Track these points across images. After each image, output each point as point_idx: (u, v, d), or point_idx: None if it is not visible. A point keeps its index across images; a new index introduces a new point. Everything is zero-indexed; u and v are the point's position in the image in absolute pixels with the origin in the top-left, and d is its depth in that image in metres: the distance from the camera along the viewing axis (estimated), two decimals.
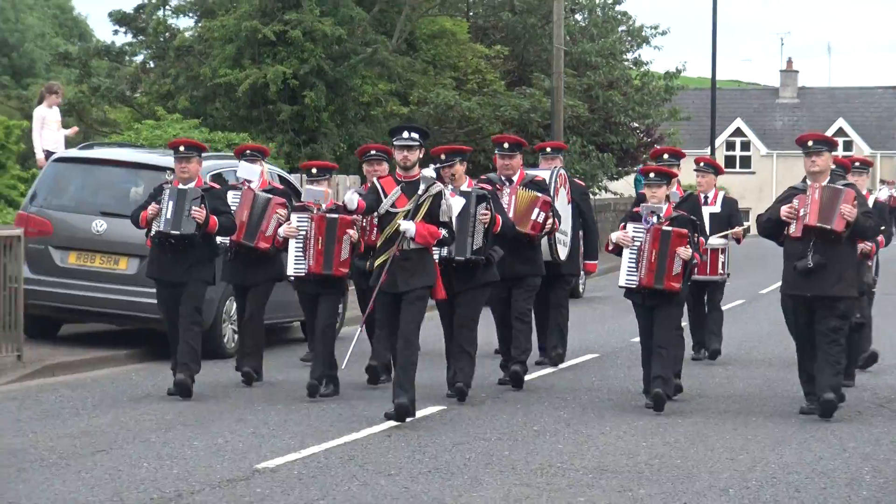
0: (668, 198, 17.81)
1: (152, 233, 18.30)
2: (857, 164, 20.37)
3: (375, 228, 18.42)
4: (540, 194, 19.48)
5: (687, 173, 22.86)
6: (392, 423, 16.85)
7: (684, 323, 21.55)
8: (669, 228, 17.27)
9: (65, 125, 28.35)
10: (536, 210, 19.20)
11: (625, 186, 54.89)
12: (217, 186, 18.97)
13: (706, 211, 21.62)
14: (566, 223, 20.69)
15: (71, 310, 21.70)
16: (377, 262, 16.59)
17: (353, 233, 18.27)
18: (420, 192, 16.29)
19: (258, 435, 15.89)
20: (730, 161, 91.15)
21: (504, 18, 53.10)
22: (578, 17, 56.11)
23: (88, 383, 19.84)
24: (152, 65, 48.19)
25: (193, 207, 17.87)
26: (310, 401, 18.14)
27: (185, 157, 18.35)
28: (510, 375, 19.63)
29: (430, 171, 16.35)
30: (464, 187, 18.12)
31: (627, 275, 17.48)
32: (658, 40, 59.96)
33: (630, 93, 54.08)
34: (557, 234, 20.21)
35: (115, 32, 50.46)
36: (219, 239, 19.06)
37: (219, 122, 41.24)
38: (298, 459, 14.75)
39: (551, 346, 21.70)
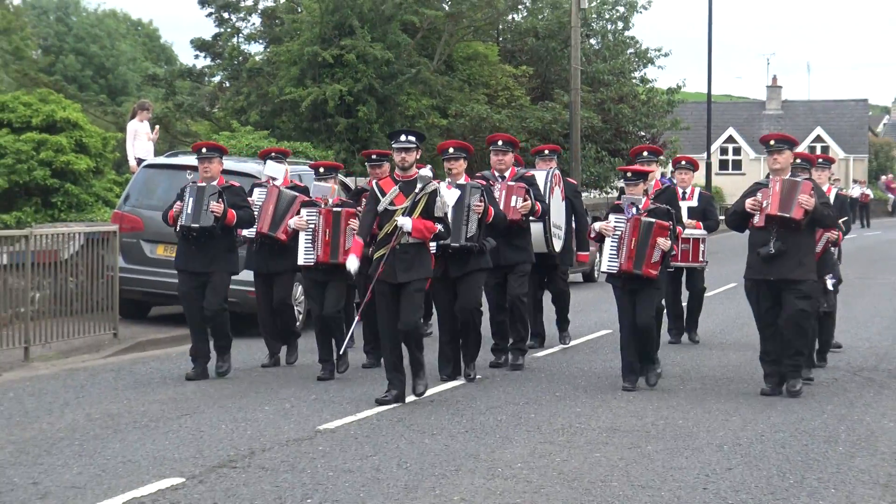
0: (645, 192, 17.23)
1: (178, 227, 17.85)
2: (820, 160, 19.77)
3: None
4: (514, 183, 18.69)
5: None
6: (438, 388, 16.88)
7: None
8: (652, 220, 16.67)
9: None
10: (514, 198, 18.46)
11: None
12: (237, 184, 18.33)
13: (684, 205, 21.00)
14: (560, 218, 20.14)
15: (158, 294, 21.77)
16: (376, 256, 15.96)
17: (354, 223, 17.43)
18: (417, 189, 15.75)
19: (320, 401, 15.94)
20: (723, 164, 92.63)
21: (529, 43, 53.04)
22: (593, 41, 55.95)
23: (174, 357, 19.85)
24: (227, 84, 48.19)
25: (211, 202, 17.40)
26: (362, 373, 18.13)
27: (207, 157, 17.90)
28: (511, 367, 18.90)
29: (426, 171, 15.88)
30: (460, 181, 17.38)
31: (609, 261, 16.87)
32: (661, 61, 60.05)
33: (637, 106, 54.03)
34: (552, 229, 19.67)
35: (196, 57, 50.57)
36: (245, 232, 18.55)
37: (285, 133, 41.22)
38: (354, 422, 14.79)
39: (561, 330, 21.33)
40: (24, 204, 26.47)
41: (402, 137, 16.00)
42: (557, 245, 19.77)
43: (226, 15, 48.87)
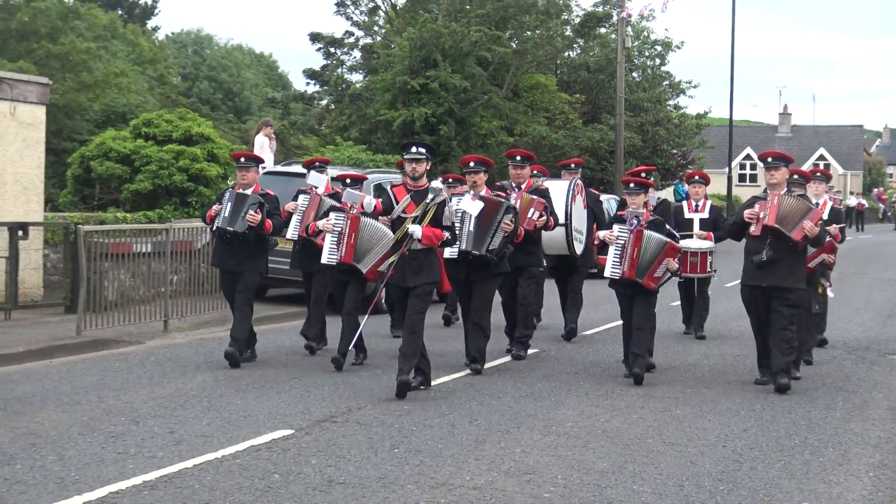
0: (646, 204, 16.01)
1: (214, 228, 16.66)
2: (818, 174, 18.71)
3: None
4: (535, 197, 17.41)
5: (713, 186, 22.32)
6: (501, 360, 16.96)
7: (675, 303, 21.57)
8: (665, 239, 15.59)
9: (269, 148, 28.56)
10: (532, 210, 17.17)
11: (667, 194, 54.64)
12: (272, 193, 16.95)
13: (696, 216, 19.87)
14: (582, 224, 19.22)
15: (274, 278, 21.68)
16: (388, 261, 14.81)
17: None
18: (427, 200, 14.50)
19: (367, 379, 15.88)
20: (742, 177, 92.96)
21: (582, 75, 52.90)
22: (635, 74, 55.72)
23: (287, 330, 19.92)
24: (332, 107, 48.28)
25: (250, 211, 16.13)
26: (441, 347, 18.12)
27: (245, 166, 16.67)
28: (513, 357, 17.45)
29: (438, 183, 14.91)
30: (482, 193, 16.17)
31: (612, 267, 15.61)
32: (691, 91, 60.42)
33: (671, 128, 53.80)
34: (574, 233, 18.89)
35: (307, 84, 50.65)
36: (289, 234, 17.54)
37: (379, 148, 41.25)
38: (434, 386, 14.81)
39: (569, 322, 19.88)
40: (165, 203, 26.64)
41: (414, 149, 14.76)
42: (579, 248, 19.06)
43: (332, 49, 49.13)
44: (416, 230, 14.30)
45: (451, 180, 18.15)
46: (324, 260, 16.31)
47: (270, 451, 11.24)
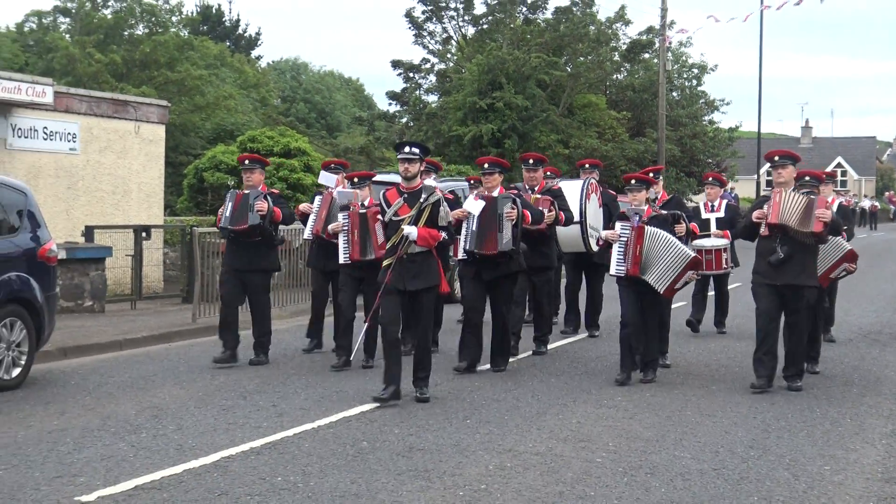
0: (654, 201, 14.78)
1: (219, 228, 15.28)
2: (826, 176, 16.35)
3: None
4: (540, 195, 15.76)
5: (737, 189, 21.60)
6: (559, 342, 16.76)
7: (684, 303, 21.17)
8: (691, 253, 13.85)
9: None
10: (539, 208, 15.29)
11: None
12: (276, 191, 15.59)
13: (713, 216, 18.22)
14: (597, 221, 17.39)
15: None
16: (384, 265, 12.57)
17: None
18: (422, 200, 12.42)
19: (444, 360, 15.85)
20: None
21: (628, 95, 52.71)
22: (675, 94, 55.42)
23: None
24: (411, 124, 48.42)
25: (256, 202, 14.68)
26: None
27: (250, 168, 15.17)
28: (534, 353, 16.01)
29: (432, 182, 12.94)
30: (495, 193, 14.26)
31: (617, 265, 13.79)
32: (724, 108, 59.83)
33: (706, 141, 53.56)
34: (589, 230, 17.22)
35: (389, 104, 50.91)
36: (305, 234, 16.00)
37: (452, 159, 41.30)
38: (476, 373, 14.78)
39: (590, 315, 18.29)
40: None
41: (407, 149, 12.59)
42: (594, 245, 16.97)
43: (411, 74, 49.34)
44: (411, 231, 12.30)
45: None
46: (340, 260, 14.76)
47: (359, 421, 11.27)
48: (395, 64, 49.28)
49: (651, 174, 15.88)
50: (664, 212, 14.56)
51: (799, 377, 13.45)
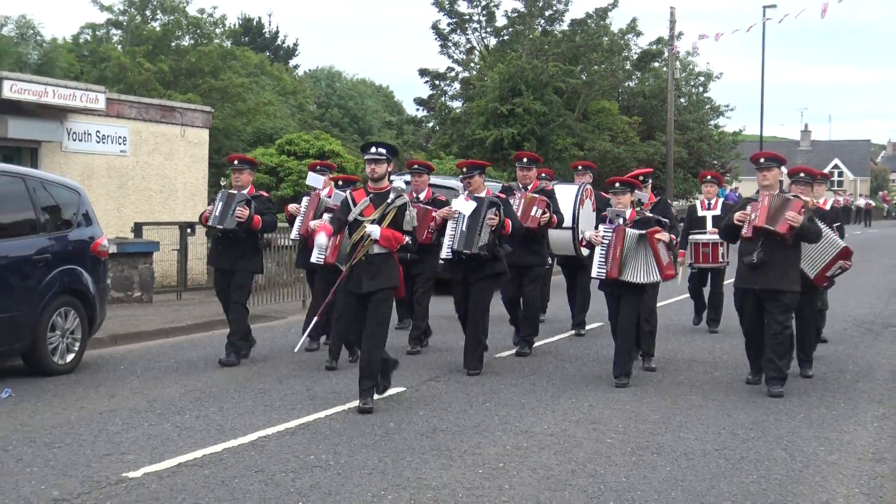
0: (632, 204, 13.06)
1: (207, 227, 14.35)
2: (819, 176, 15.19)
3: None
4: (537, 196, 14.66)
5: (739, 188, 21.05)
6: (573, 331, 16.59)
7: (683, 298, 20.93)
8: (643, 231, 12.53)
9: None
10: (535, 208, 14.47)
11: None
12: (265, 194, 14.47)
13: (709, 214, 17.04)
14: (589, 226, 15.47)
15: None
16: (346, 265, 11.31)
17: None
18: (388, 201, 11.11)
19: (492, 342, 15.81)
20: None
21: (639, 101, 52.62)
22: (682, 100, 55.29)
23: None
24: (437, 128, 48.43)
25: (238, 208, 13.55)
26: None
27: (239, 168, 14.06)
28: (517, 354, 14.85)
29: (400, 183, 11.48)
30: (481, 194, 13.42)
31: (598, 267, 12.65)
32: (728, 113, 59.84)
33: (712, 143, 53.50)
34: (580, 235, 15.18)
35: (417, 109, 50.82)
36: (294, 234, 14.88)
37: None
38: (495, 359, 14.76)
39: (577, 314, 17.02)
40: None
41: (373, 149, 11.32)
42: (585, 252, 14.40)
43: (437, 82, 49.35)
44: (374, 230, 10.99)
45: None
46: (312, 259, 13.98)
47: (387, 404, 11.28)
48: (423, 72, 49.30)
49: (640, 177, 14.65)
50: (650, 215, 13.37)
51: (779, 382, 12.13)
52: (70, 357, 13.13)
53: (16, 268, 12.46)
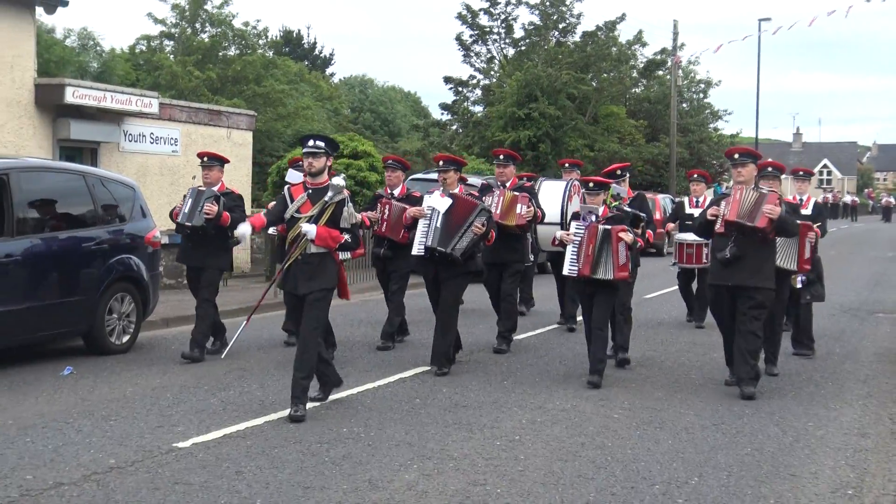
0: (604, 202, 11.62)
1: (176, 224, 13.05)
2: (801, 172, 14.56)
3: (386, 223, 13.61)
4: (517, 192, 13.44)
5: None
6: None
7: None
8: (609, 227, 11.27)
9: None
10: (518, 205, 13.29)
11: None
12: (236, 191, 13.29)
13: (697, 211, 14.94)
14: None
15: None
16: (285, 265, 9.83)
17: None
18: (326, 198, 9.65)
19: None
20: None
21: (644, 106, 52.58)
22: (684, 105, 55.26)
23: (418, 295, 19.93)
24: (460, 131, 48.42)
25: (206, 205, 12.55)
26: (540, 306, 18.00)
27: (209, 165, 12.99)
28: (495, 351, 13.49)
29: (339, 180, 9.80)
30: (454, 191, 12.05)
31: (570, 265, 11.37)
32: (726, 117, 59.81)
33: (711, 145, 53.51)
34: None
35: (442, 113, 50.77)
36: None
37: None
38: (533, 335, 14.68)
39: (566, 308, 15.75)
40: None
41: (311, 142, 9.85)
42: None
43: (460, 88, 49.36)
44: (309, 230, 9.55)
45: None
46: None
47: (413, 382, 11.28)
48: (447, 80, 49.33)
49: (617, 171, 13.36)
50: (629, 209, 12.31)
51: (752, 382, 10.80)
52: (126, 338, 13.17)
53: (77, 257, 12.51)
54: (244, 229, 9.95)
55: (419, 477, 7.49)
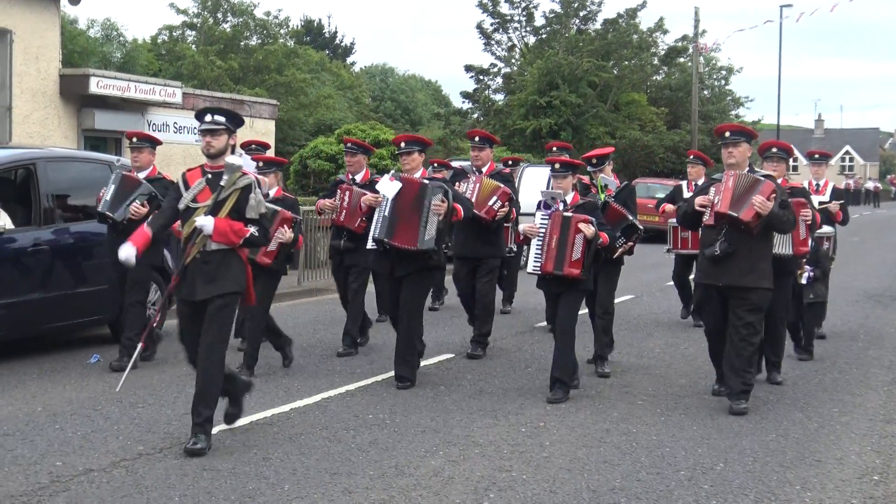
0: (574, 187, 9.89)
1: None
2: (817, 156, 13.51)
3: (345, 211, 11.88)
4: (501, 185, 11.94)
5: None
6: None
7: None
8: (570, 214, 9.58)
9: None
10: (494, 198, 11.78)
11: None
12: (168, 177, 11.54)
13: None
14: None
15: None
16: (180, 267, 7.85)
17: (285, 230, 10.66)
18: (223, 183, 7.77)
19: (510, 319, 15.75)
20: (794, 168, 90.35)
21: (666, 93, 52.47)
22: (706, 92, 55.11)
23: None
24: (481, 119, 48.42)
25: (135, 203, 11.04)
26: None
27: (138, 147, 11.45)
28: (469, 356, 11.99)
29: (236, 159, 7.87)
30: (416, 175, 10.24)
31: (534, 261, 9.67)
32: (748, 104, 59.43)
33: None
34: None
35: (463, 102, 50.94)
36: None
37: (515, 149, 41.24)
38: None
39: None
40: None
41: (208, 117, 7.92)
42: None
43: (481, 77, 49.41)
44: (206, 223, 7.68)
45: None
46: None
47: (438, 369, 11.30)
48: (468, 68, 49.40)
49: (593, 160, 11.48)
50: (608, 200, 11.04)
51: (744, 395, 9.33)
52: None
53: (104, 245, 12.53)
54: (126, 254, 7.79)
55: (445, 463, 7.51)
